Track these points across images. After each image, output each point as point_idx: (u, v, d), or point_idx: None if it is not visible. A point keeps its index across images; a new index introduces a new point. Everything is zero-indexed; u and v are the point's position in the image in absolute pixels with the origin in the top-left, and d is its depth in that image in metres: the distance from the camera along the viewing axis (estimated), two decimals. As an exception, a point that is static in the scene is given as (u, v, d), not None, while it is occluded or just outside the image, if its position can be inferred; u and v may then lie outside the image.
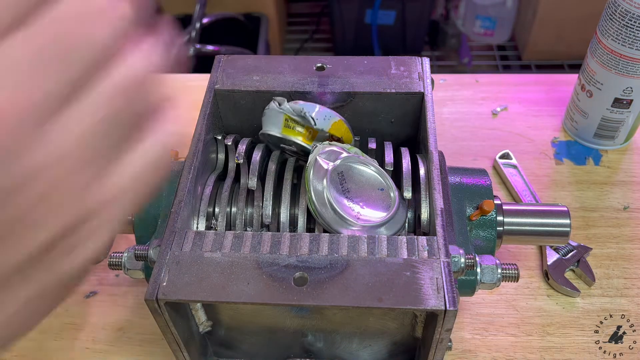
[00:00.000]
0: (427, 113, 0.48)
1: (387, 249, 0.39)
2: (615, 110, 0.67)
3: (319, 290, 0.37)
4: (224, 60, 0.54)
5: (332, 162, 0.45)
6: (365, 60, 0.53)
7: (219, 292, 0.37)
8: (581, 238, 0.62)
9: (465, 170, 0.50)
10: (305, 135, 0.48)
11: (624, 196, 0.66)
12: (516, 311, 0.57)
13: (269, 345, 0.48)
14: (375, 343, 0.47)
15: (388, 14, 1.81)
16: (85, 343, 0.56)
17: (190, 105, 0.81)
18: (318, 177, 0.44)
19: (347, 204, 0.44)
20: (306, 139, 0.48)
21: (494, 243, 0.48)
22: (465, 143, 0.73)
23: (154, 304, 0.37)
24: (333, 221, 0.43)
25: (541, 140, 0.73)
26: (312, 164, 0.44)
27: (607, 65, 0.63)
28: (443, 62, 1.96)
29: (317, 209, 0.43)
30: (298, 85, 0.51)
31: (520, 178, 0.68)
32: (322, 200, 0.43)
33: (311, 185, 0.43)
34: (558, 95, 0.79)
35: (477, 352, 0.54)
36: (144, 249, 0.41)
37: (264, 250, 0.39)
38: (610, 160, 0.70)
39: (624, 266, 0.60)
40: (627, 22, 0.59)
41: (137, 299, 0.59)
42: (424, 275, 0.37)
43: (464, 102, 0.79)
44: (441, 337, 0.39)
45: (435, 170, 0.43)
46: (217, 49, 1.60)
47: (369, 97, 0.50)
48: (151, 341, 0.56)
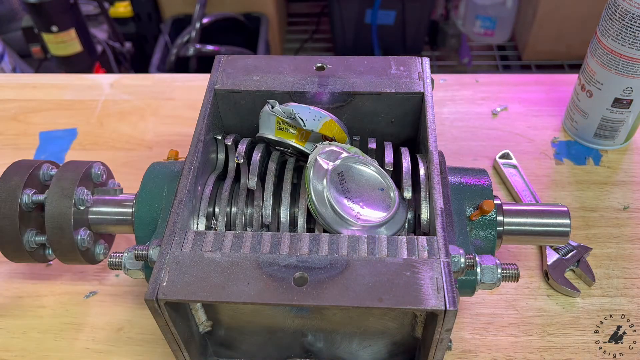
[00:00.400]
0: (427, 113, 0.48)
1: (387, 249, 0.39)
2: (615, 110, 0.67)
3: (319, 290, 0.37)
4: (224, 60, 0.54)
5: (332, 162, 0.45)
6: (365, 60, 0.53)
7: (219, 292, 0.37)
8: (581, 238, 0.62)
9: (465, 170, 0.50)
10: (298, 137, 0.49)
11: (624, 196, 0.66)
12: (516, 311, 0.57)
13: (269, 345, 0.48)
14: (375, 343, 0.47)
15: (388, 14, 1.81)
16: (85, 343, 0.56)
17: (190, 105, 0.81)
18: (318, 177, 0.44)
19: (347, 204, 0.44)
20: (299, 140, 0.49)
21: (494, 243, 0.48)
22: (465, 143, 0.73)
23: (154, 304, 0.37)
24: (333, 221, 0.43)
25: (541, 140, 0.73)
26: (312, 164, 0.44)
27: (607, 65, 0.63)
28: (443, 62, 1.96)
29: (317, 209, 0.43)
30: (298, 85, 0.51)
31: (520, 178, 0.68)
32: (322, 200, 0.43)
33: (311, 185, 0.43)
34: (558, 95, 0.79)
35: (477, 352, 0.54)
36: (144, 249, 0.41)
37: (264, 250, 0.39)
38: (610, 160, 0.70)
39: (624, 266, 0.60)
40: (627, 22, 0.59)
41: (137, 299, 0.59)
42: (424, 275, 0.37)
43: (464, 102, 0.79)
44: (441, 337, 0.39)
45: (435, 170, 0.43)
46: (217, 49, 1.60)
47: (369, 97, 0.50)
48: (151, 341, 0.56)
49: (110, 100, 0.82)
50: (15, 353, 0.55)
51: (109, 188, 0.55)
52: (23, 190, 0.49)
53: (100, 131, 0.78)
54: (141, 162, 0.73)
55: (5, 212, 0.48)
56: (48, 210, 0.48)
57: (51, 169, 0.52)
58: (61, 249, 0.49)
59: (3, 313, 0.58)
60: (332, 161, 0.45)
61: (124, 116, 0.80)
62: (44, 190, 0.50)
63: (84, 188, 0.50)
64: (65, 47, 1.47)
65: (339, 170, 0.45)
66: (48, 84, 0.86)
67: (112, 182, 0.56)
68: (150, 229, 0.47)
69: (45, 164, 0.52)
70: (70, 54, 1.49)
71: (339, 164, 0.45)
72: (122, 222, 0.51)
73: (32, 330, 0.57)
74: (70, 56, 1.50)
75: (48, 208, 0.48)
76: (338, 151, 0.46)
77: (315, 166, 0.44)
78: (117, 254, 0.44)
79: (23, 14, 1.68)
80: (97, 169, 0.52)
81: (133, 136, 0.77)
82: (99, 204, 0.51)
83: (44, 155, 0.75)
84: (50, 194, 0.49)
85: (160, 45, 1.70)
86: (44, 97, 0.84)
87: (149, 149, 0.75)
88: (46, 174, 0.51)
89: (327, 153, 0.45)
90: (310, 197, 0.43)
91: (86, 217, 0.51)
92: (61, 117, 0.80)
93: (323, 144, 0.46)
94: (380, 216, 0.44)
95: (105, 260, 0.56)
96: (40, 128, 0.79)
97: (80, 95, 0.83)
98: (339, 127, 0.49)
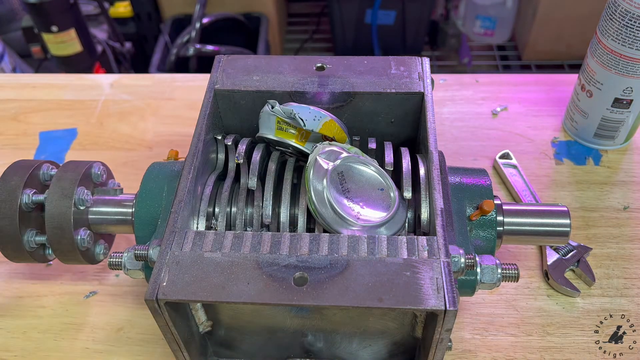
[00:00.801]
0: (427, 113, 0.48)
1: (387, 249, 0.39)
2: (615, 110, 0.67)
3: (319, 290, 0.37)
4: (224, 60, 0.54)
5: (332, 162, 0.45)
6: (365, 60, 0.53)
7: (219, 292, 0.37)
8: (581, 238, 0.62)
9: (465, 170, 0.50)
10: (298, 137, 0.49)
11: (624, 196, 0.66)
12: (516, 311, 0.57)
13: (268, 345, 0.48)
14: (375, 343, 0.47)
15: (388, 14, 1.81)
16: (85, 343, 0.56)
17: (190, 105, 0.81)
18: (318, 177, 0.44)
19: (347, 204, 0.44)
20: (299, 140, 0.49)
21: (494, 243, 0.48)
22: (465, 143, 0.73)
23: (154, 304, 0.37)
24: (333, 221, 0.43)
25: (541, 140, 0.73)
26: (312, 164, 0.44)
27: (607, 65, 0.63)
28: (443, 62, 1.96)
29: (317, 209, 0.43)
30: (298, 85, 0.51)
31: (520, 178, 0.68)
32: (322, 200, 0.43)
33: (311, 185, 0.43)
34: (558, 95, 0.79)
35: (477, 352, 0.54)
36: (144, 249, 0.41)
37: (264, 250, 0.39)
38: (610, 160, 0.70)
39: (624, 266, 0.60)
40: (627, 22, 0.59)
41: (137, 299, 0.59)
42: (424, 275, 0.37)
43: (464, 102, 0.79)
44: (441, 337, 0.39)
45: (435, 170, 0.43)
46: (217, 49, 1.60)
47: (369, 97, 0.50)
48: (151, 341, 0.56)
49: (110, 100, 0.82)
50: (15, 353, 0.55)
51: (109, 188, 0.55)
52: (23, 190, 0.49)
53: (100, 131, 0.78)
54: (141, 162, 0.73)
55: (5, 212, 0.48)
56: (48, 210, 0.48)
57: (51, 169, 0.52)
58: (61, 248, 0.49)
59: (3, 313, 0.58)
60: (332, 161, 0.45)
61: (124, 116, 0.80)
62: (44, 190, 0.50)
63: (84, 188, 0.50)
64: (65, 47, 1.47)
65: (339, 170, 0.45)
66: (48, 84, 0.86)
67: (112, 182, 0.56)
68: (150, 229, 0.47)
69: (45, 164, 0.52)
70: (70, 54, 1.49)
71: (339, 164, 0.45)
72: (122, 222, 0.51)
73: (32, 330, 0.57)
74: (70, 56, 1.50)
75: (48, 208, 0.48)
76: (338, 151, 0.46)
77: (315, 166, 0.44)
78: (117, 254, 0.44)
79: (23, 14, 1.68)
80: (97, 169, 0.52)
81: (133, 136, 0.77)
82: (99, 204, 0.51)
83: (44, 155, 0.75)
84: (50, 194, 0.49)
85: (160, 45, 1.70)
86: (44, 97, 0.84)
87: (149, 149, 0.75)
88: (46, 174, 0.51)
89: (327, 153, 0.45)
90: (310, 197, 0.43)
91: (86, 217, 0.51)
92: (61, 117, 0.80)
93: (323, 144, 0.46)
94: (380, 216, 0.44)
95: (105, 260, 0.56)
96: (40, 128, 0.79)
97: (80, 95, 0.83)
98: (339, 127, 0.49)
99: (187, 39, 1.62)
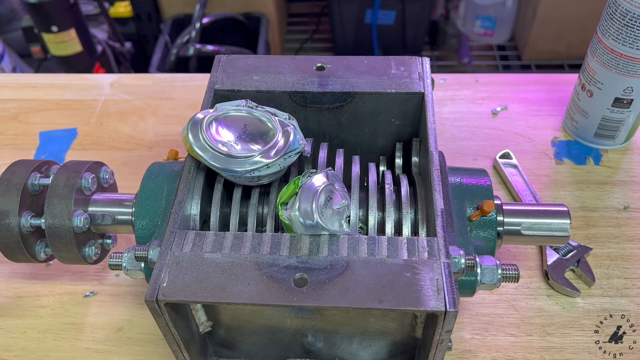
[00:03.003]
0: (427, 113, 0.48)
1: (387, 250, 0.39)
2: (615, 110, 0.67)
3: (319, 291, 0.37)
4: (224, 60, 0.53)
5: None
6: (365, 60, 0.53)
7: (219, 293, 0.37)
8: (581, 238, 0.62)
9: (465, 171, 0.50)
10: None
11: (624, 196, 0.66)
12: (516, 311, 0.57)
13: (269, 345, 0.48)
14: (375, 343, 0.47)
15: (388, 14, 1.81)
16: (85, 343, 0.56)
17: (190, 105, 0.81)
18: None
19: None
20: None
21: (494, 243, 0.48)
22: (465, 143, 0.73)
23: (154, 305, 0.37)
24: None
25: (541, 140, 0.73)
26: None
27: (607, 65, 0.63)
28: (443, 62, 1.96)
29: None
30: (298, 85, 0.51)
31: (520, 178, 0.68)
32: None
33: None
34: (558, 95, 0.79)
35: (477, 352, 0.54)
36: (144, 250, 0.41)
37: (264, 251, 0.39)
38: (611, 160, 0.70)
39: (624, 266, 0.60)
40: (628, 22, 0.59)
41: (137, 299, 0.59)
42: (424, 276, 0.37)
43: (464, 102, 0.79)
44: (441, 338, 0.39)
45: (436, 170, 0.43)
46: (217, 49, 1.60)
47: (369, 97, 0.50)
48: (151, 341, 0.56)
49: (110, 100, 0.82)
50: (15, 353, 0.55)
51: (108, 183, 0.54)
52: (23, 190, 0.49)
53: (100, 131, 0.78)
54: (141, 162, 0.73)
55: (5, 212, 0.48)
56: (48, 210, 0.48)
57: (42, 178, 0.51)
58: (61, 249, 0.49)
59: (3, 313, 0.58)
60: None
61: (124, 116, 0.80)
62: (43, 191, 0.50)
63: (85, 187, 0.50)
64: (65, 47, 1.47)
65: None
66: (48, 84, 0.86)
67: (104, 170, 0.55)
68: (150, 229, 0.47)
69: (45, 164, 0.52)
70: (70, 54, 1.49)
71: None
72: (122, 222, 0.51)
73: (32, 330, 0.57)
74: (70, 56, 1.50)
75: (48, 208, 0.48)
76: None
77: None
78: (117, 255, 0.44)
79: (23, 14, 1.68)
80: (87, 182, 0.51)
81: (133, 136, 0.77)
82: (99, 204, 0.51)
83: (44, 155, 0.75)
84: (51, 191, 0.49)
85: (160, 45, 1.70)
86: (44, 97, 0.84)
87: (149, 149, 0.75)
88: (36, 185, 0.50)
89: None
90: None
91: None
92: (61, 117, 0.80)
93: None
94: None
95: (105, 261, 0.56)
96: (40, 128, 0.79)
97: (80, 95, 0.83)
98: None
99: (187, 39, 1.62)
